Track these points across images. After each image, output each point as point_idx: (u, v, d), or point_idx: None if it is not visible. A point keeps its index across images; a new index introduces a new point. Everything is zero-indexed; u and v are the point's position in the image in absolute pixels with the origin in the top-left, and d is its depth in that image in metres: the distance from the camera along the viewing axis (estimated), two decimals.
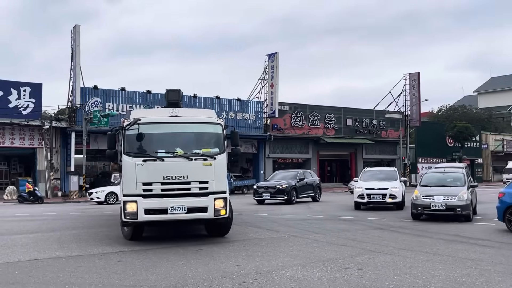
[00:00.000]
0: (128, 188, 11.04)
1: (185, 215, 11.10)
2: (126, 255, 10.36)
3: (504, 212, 13.71)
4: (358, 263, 9.32)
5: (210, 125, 11.93)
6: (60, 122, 35.41)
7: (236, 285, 7.65)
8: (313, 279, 8.03)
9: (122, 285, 7.71)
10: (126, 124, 11.31)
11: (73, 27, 36.09)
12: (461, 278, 8.06)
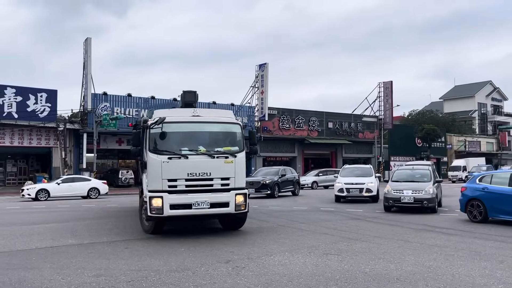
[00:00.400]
0: (154, 184, 10.40)
1: (208, 210, 10.55)
2: (132, 243, 10.32)
3: (466, 204, 13.82)
4: (338, 249, 9.34)
5: (230, 124, 11.45)
6: (73, 124, 35.33)
7: (230, 269, 7.65)
8: (298, 263, 8.04)
9: (129, 269, 7.69)
10: (151, 123, 10.69)
11: (85, 39, 35.98)
12: (428, 262, 8.10)
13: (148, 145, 10.58)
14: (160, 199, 10.22)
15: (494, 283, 6.68)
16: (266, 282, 6.79)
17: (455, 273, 7.29)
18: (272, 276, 7.17)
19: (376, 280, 6.88)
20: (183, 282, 6.83)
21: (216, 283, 6.78)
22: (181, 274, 7.32)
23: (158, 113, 11.26)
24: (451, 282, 6.74)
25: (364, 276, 7.14)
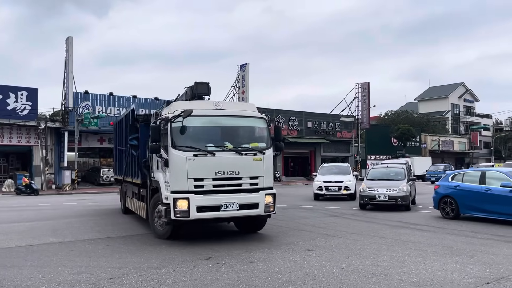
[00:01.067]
0: (178, 184, 9.17)
1: (237, 212, 9.50)
2: (113, 241, 10.22)
3: (439, 201, 14.06)
4: (316, 246, 9.41)
5: (257, 119, 10.37)
6: (54, 123, 34.73)
7: (210, 265, 7.64)
8: (277, 259, 8.07)
9: (110, 266, 7.61)
10: (172, 116, 9.42)
11: (66, 38, 35.42)
12: (402, 258, 8.22)
13: (170, 141, 9.31)
14: (186, 201, 9.05)
15: (464, 277, 6.81)
16: (246, 278, 6.80)
17: (428, 268, 7.41)
18: (252, 272, 7.18)
19: (352, 275, 6.96)
20: (164, 279, 6.80)
21: (196, 279, 6.76)
22: (162, 271, 7.29)
23: (177, 105, 10.02)
24: (424, 277, 6.85)
25: (341, 271, 7.21)
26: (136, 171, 12.25)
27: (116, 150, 17.06)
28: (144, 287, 6.36)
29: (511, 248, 9.12)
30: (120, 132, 15.41)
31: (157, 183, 10.10)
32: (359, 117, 53.04)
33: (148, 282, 6.60)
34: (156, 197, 10.23)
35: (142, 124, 11.50)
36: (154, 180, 10.45)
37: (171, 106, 10.10)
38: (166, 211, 9.35)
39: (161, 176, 9.81)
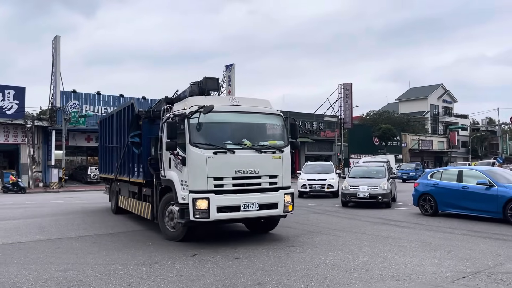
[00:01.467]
0: (197, 183, 8.51)
1: (257, 212, 8.94)
2: (100, 238, 10.13)
3: (418, 199, 14.21)
4: (300, 242, 9.44)
5: (273, 116, 9.81)
6: (41, 121, 34.29)
7: (196, 262, 7.62)
8: (262, 256, 8.07)
9: (96, 263, 7.54)
10: (189, 112, 8.71)
11: (54, 38, 34.93)
12: (383, 253, 8.29)
13: (188, 138, 8.64)
14: (206, 201, 8.42)
15: (442, 271, 6.90)
16: (231, 274, 6.79)
17: (407, 263, 7.49)
18: (237, 268, 7.18)
19: (334, 270, 7.00)
20: (150, 275, 6.75)
21: (182, 275, 6.74)
22: (149, 267, 7.24)
23: (193, 100, 9.24)
24: (403, 271, 6.92)
25: (324, 266, 7.25)
26: (136, 170, 11.55)
27: (103, 147, 16.05)
28: (130, 284, 6.31)
29: (486, 244, 9.26)
30: (110, 129, 14.61)
31: (169, 182, 9.34)
32: (342, 117, 53.27)
33: (134, 279, 6.56)
34: (167, 197, 9.54)
35: (146, 121, 10.69)
36: (164, 179, 9.56)
37: (186, 102, 9.26)
38: (183, 211, 8.67)
39: (175, 175, 9.06)
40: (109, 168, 15.07)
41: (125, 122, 12.52)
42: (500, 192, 12.06)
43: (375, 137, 57.66)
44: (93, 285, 6.24)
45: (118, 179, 13.70)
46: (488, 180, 12.43)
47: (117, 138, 13.60)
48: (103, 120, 16.48)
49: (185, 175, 8.70)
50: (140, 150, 10.86)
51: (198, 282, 6.37)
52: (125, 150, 12.39)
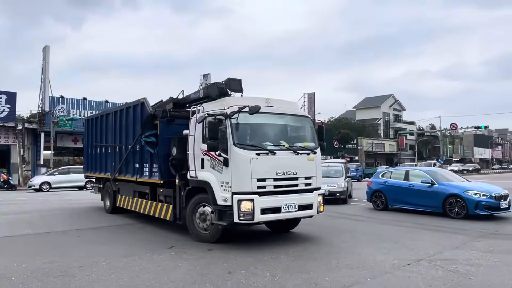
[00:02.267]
0: (242, 184, 7.62)
1: (295, 213, 8.23)
2: (84, 232, 9.90)
3: (371, 195, 14.48)
4: (267, 235, 9.42)
5: (304, 118, 9.13)
6: (31, 124, 33.36)
7: (173, 254, 7.53)
8: (233, 247, 8.02)
9: (80, 256, 7.35)
10: (231, 112, 7.77)
11: (44, 47, 34.18)
12: (340, 244, 8.40)
13: (231, 138, 7.71)
14: (251, 203, 7.56)
15: (390, 260, 7.03)
16: (204, 264, 6.75)
17: (361, 252, 7.60)
18: (210, 259, 7.13)
19: (297, 260, 7.04)
20: (130, 266, 6.64)
21: (160, 266, 6.65)
22: (129, 259, 7.11)
23: (232, 100, 8.31)
24: (357, 260, 7.02)
25: (287, 256, 7.26)
26: (148, 170, 10.23)
27: (91, 147, 14.26)
28: (112, 274, 6.19)
29: (428, 235, 9.51)
30: (104, 128, 13.04)
31: (202, 183, 8.27)
32: None
33: (115, 269, 6.43)
34: (198, 198, 8.53)
35: (164, 121, 9.59)
36: (196, 180, 8.45)
37: (223, 102, 8.27)
38: (223, 213, 7.76)
39: (212, 176, 8.03)
40: (101, 168, 13.42)
41: (129, 121, 11.17)
42: (440, 189, 12.41)
43: (335, 141, 58.38)
44: (77, 276, 6.09)
45: (117, 178, 12.05)
46: (430, 179, 12.77)
47: (116, 137, 12.04)
48: (91, 119, 14.72)
49: (227, 176, 7.75)
50: (156, 150, 9.65)
51: (174, 272, 6.31)
52: (131, 149, 10.95)
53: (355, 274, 6.18)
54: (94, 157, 14.15)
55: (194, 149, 8.47)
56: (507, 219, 11.95)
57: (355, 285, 5.64)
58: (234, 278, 5.94)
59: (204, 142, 8.16)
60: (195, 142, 8.45)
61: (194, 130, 8.51)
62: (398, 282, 5.79)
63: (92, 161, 14.39)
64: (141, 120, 10.31)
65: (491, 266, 6.67)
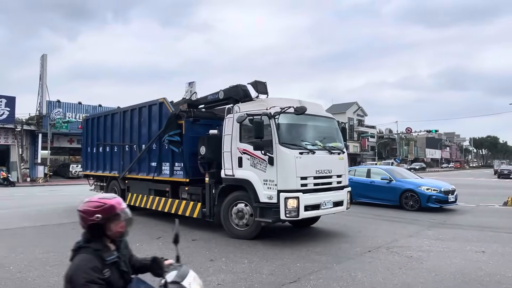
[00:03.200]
0: (288, 182, 7.15)
1: (331, 209, 7.80)
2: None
3: None
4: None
5: (332, 119, 8.69)
6: (30, 126, 32.39)
7: (160, 244, 7.45)
8: (215, 237, 7.97)
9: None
10: (275, 112, 7.30)
11: (42, 56, 33.24)
12: (310, 233, 8.42)
13: (276, 137, 7.22)
14: (296, 200, 7.09)
15: (354, 247, 7.12)
16: (189, 253, 6.69)
17: (327, 242, 7.65)
18: (194, 248, 7.09)
19: (271, 249, 7.04)
20: None
21: (148, 255, 6.53)
22: None
23: (272, 101, 7.76)
24: (325, 248, 7.07)
25: (263, 246, 7.26)
26: (169, 168, 9.43)
27: (91, 146, 13.03)
28: None
29: (387, 225, 9.68)
30: (109, 127, 11.94)
31: (240, 181, 7.71)
32: None
33: None
34: (234, 196, 7.92)
35: (189, 120, 8.96)
36: (232, 178, 7.87)
37: (263, 102, 7.79)
38: (266, 210, 7.24)
39: (253, 174, 7.47)
40: (106, 166, 12.21)
41: (144, 120, 10.34)
42: (397, 185, 12.68)
43: None
44: None
45: (127, 177, 11.14)
46: (389, 176, 13.01)
47: (126, 136, 11.11)
48: (92, 119, 13.34)
49: (272, 175, 7.23)
50: (180, 149, 8.94)
51: None
52: (146, 148, 10.13)
53: (323, 260, 6.24)
54: (96, 156, 12.83)
55: (231, 148, 7.85)
56: (454, 211, 12.29)
57: (323, 269, 5.69)
58: (215, 265, 5.91)
59: (242, 141, 7.69)
60: (232, 141, 7.84)
61: (232, 130, 7.88)
62: (360, 266, 5.87)
63: (93, 160, 13.03)
64: (159, 120, 9.66)
65: (439, 251, 6.84)
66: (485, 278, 5.29)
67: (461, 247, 7.19)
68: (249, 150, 7.56)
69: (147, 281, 2.59)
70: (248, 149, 7.58)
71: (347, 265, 5.96)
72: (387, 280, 5.23)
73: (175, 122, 9.07)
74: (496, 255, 6.56)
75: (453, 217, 10.95)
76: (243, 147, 7.67)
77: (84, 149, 13.70)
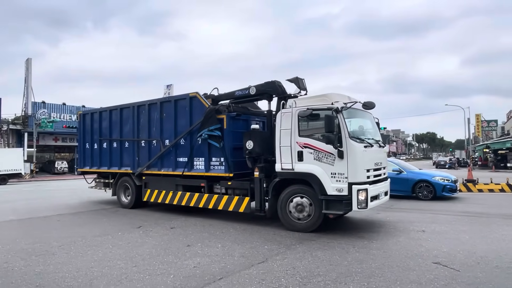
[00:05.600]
0: (358, 175, 6.60)
1: (383, 199, 7.38)
2: (64, 217, 9.29)
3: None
4: (219, 213, 9.36)
5: (372, 115, 8.06)
6: (16, 125, 30.83)
7: (140, 232, 7.27)
8: (191, 225, 7.87)
9: (60, 237, 6.91)
10: (341, 107, 6.73)
11: (26, 59, 31.69)
12: (276, 220, 8.47)
13: (347, 132, 6.63)
14: (365, 192, 6.59)
15: (314, 230, 7.20)
16: (168, 240, 6.58)
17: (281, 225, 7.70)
18: (172, 235, 6.96)
19: (242, 233, 7.02)
20: (104, 243, 6.33)
21: (130, 243, 6.40)
22: (103, 238, 6.78)
23: (334, 96, 6.99)
24: (287, 232, 7.15)
25: (235, 231, 7.23)
26: (204, 163, 8.47)
27: (91, 142, 11.38)
28: (88, 251, 5.87)
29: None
30: (113, 123, 10.65)
31: (301, 175, 7.02)
32: None
33: (91, 247, 6.11)
34: (292, 190, 7.19)
35: (231, 115, 8.20)
36: (292, 172, 7.13)
37: (326, 97, 7.02)
38: (334, 203, 6.66)
39: (318, 168, 6.80)
40: (113, 163, 10.75)
41: (169, 115, 9.20)
42: (410, 176, 12.05)
43: None
44: (56, 254, 5.72)
45: (145, 173, 9.88)
46: (399, 168, 12.22)
47: (142, 131, 9.84)
48: (93, 113, 11.51)
49: (341, 168, 6.63)
50: (221, 144, 8.09)
51: (142, 247, 6.10)
52: (173, 143, 9.05)
53: (287, 242, 6.29)
54: (98, 152, 11.13)
55: (290, 142, 7.16)
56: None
57: (288, 250, 5.74)
58: (192, 250, 5.85)
59: (301, 135, 7.06)
60: (292, 135, 7.14)
61: (290, 124, 7.18)
62: (319, 246, 5.95)
63: (95, 156, 11.29)
64: (190, 115, 8.68)
65: (387, 232, 7.04)
66: (425, 253, 5.53)
67: (405, 227, 7.47)
68: (312, 144, 6.92)
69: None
70: (310, 143, 6.93)
71: (309, 245, 6.04)
72: (343, 257, 5.36)
73: (215, 117, 8.17)
74: (434, 234, 6.87)
75: (398, 203, 11.24)
76: (303, 141, 7.01)
77: (81, 146, 11.82)
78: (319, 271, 4.73)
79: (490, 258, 5.25)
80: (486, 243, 6.14)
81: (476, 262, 5.10)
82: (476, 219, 8.35)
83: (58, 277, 4.66)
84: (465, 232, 6.98)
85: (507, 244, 6.07)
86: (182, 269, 4.89)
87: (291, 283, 4.33)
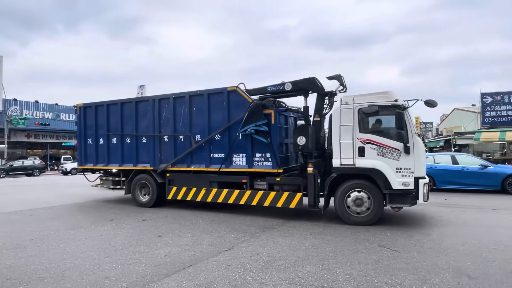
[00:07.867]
0: (421, 169, 6.39)
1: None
2: (37, 211, 8.74)
3: None
4: (189, 204, 9.23)
5: None
6: None
7: (113, 225, 7.00)
8: (162, 217, 7.70)
9: (32, 230, 6.49)
10: (404, 106, 6.43)
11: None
12: (248, 210, 8.51)
13: (412, 128, 6.40)
14: (428, 185, 6.50)
15: (275, 219, 7.29)
16: (139, 231, 6.39)
17: (251, 212, 7.79)
18: (144, 227, 6.76)
19: (211, 224, 6.96)
20: (77, 236, 6.03)
21: (103, 235, 6.14)
22: (76, 231, 6.46)
23: (394, 94, 6.62)
24: (252, 219, 7.18)
25: (204, 222, 7.16)
26: (245, 159, 7.68)
27: (95, 138, 9.80)
28: (60, 243, 5.56)
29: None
30: (126, 117, 9.24)
31: (363, 170, 6.59)
32: None
33: (64, 240, 5.80)
34: (350, 185, 6.74)
35: (279, 110, 7.57)
36: (350, 167, 6.69)
37: (386, 94, 6.61)
38: (399, 196, 6.34)
39: (382, 163, 6.45)
40: (127, 159, 9.33)
41: (202, 109, 8.17)
42: (498, 171, 11.23)
43: None
44: (28, 247, 5.36)
45: (169, 170, 8.72)
46: (485, 163, 11.53)
47: (166, 126, 8.66)
48: (97, 106, 9.81)
49: (407, 163, 6.34)
50: (269, 139, 7.39)
51: (114, 238, 5.88)
52: (207, 139, 8.07)
53: (252, 230, 6.30)
54: (107, 148, 9.61)
55: (352, 138, 6.69)
56: None
57: (252, 238, 5.77)
58: (163, 240, 5.72)
59: (362, 131, 6.63)
60: (354, 131, 6.69)
61: (352, 120, 6.71)
62: (281, 234, 6.03)
63: (102, 153, 9.73)
64: (228, 109, 7.81)
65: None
66: (371, 237, 5.78)
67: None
68: (375, 140, 6.56)
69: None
70: (373, 139, 6.57)
71: (271, 233, 6.10)
72: (301, 243, 5.48)
73: (261, 112, 7.41)
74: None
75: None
76: (365, 137, 6.61)
77: (83, 141, 10.07)
78: (280, 256, 4.81)
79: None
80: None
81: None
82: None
83: (29, 269, 4.39)
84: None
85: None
86: (153, 258, 4.77)
87: (254, 267, 4.37)
